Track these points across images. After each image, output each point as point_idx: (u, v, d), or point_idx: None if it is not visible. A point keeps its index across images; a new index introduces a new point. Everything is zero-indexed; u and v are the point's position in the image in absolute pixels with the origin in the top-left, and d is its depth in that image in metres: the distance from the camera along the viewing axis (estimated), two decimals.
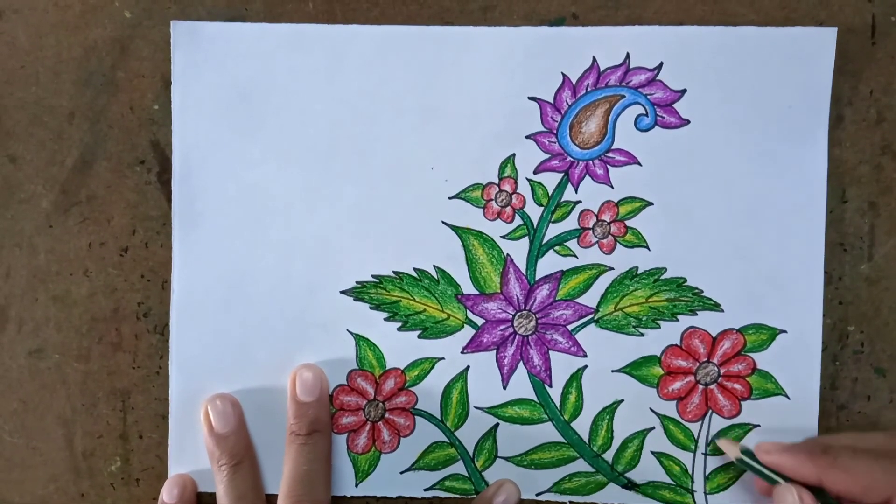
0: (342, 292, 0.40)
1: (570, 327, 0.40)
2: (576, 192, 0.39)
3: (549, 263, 0.40)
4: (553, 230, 0.40)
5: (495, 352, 0.40)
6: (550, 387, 0.40)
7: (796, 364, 0.39)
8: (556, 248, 0.40)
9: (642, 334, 0.39)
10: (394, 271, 0.40)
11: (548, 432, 0.40)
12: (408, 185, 0.40)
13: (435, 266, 0.40)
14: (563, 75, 0.39)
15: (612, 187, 0.39)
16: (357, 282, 0.40)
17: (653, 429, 0.40)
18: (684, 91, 0.39)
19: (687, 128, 0.39)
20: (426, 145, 0.39)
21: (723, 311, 0.39)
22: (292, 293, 0.40)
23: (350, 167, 0.40)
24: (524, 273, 0.40)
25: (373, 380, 0.40)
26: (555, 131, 0.39)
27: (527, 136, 0.39)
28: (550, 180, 0.39)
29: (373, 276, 0.40)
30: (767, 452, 0.36)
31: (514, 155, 0.39)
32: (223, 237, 0.40)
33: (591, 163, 0.39)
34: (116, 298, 0.41)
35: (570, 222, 0.40)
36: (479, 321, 0.40)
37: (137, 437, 0.41)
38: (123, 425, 0.41)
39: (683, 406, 0.40)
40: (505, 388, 0.40)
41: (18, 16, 0.40)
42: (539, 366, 0.40)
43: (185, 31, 0.40)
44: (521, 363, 0.40)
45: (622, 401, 0.40)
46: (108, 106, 0.40)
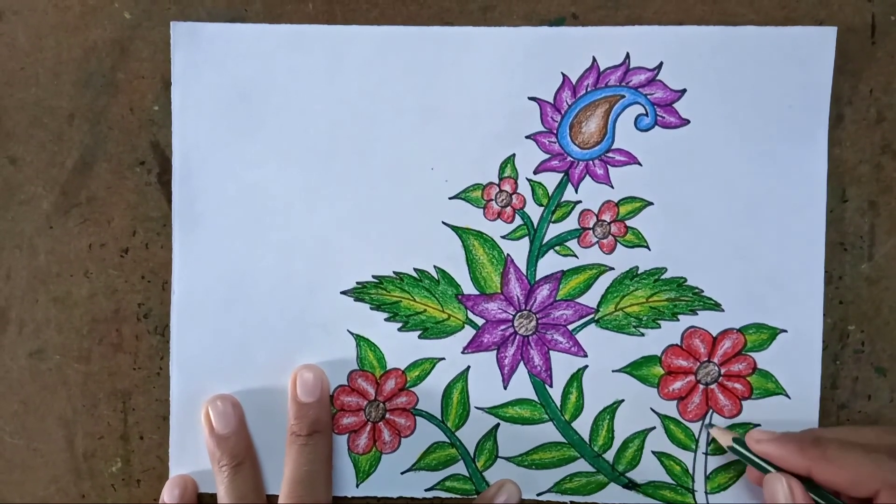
0: (342, 293, 0.40)
1: (570, 327, 0.40)
2: (576, 192, 0.39)
3: (550, 263, 0.40)
4: (553, 230, 0.40)
5: (496, 352, 0.40)
6: (551, 387, 0.40)
7: (797, 363, 0.39)
8: (557, 248, 0.40)
9: (643, 334, 0.39)
10: (394, 272, 0.40)
11: (548, 432, 0.40)
12: (408, 186, 0.40)
13: (435, 266, 0.40)
14: (563, 75, 0.39)
15: (612, 187, 0.39)
16: (357, 282, 0.40)
17: (653, 428, 0.40)
18: (684, 91, 0.39)
19: (687, 128, 0.39)
20: (426, 145, 0.39)
21: (723, 310, 0.39)
22: (293, 293, 0.40)
23: (350, 167, 0.40)
24: (524, 273, 0.40)
25: (373, 380, 0.40)
26: (555, 131, 0.39)
27: (527, 136, 0.39)
28: (550, 180, 0.39)
29: (373, 276, 0.40)
30: (758, 441, 0.36)
31: (514, 155, 0.39)
32: (223, 238, 0.40)
33: (591, 163, 0.39)
34: (117, 299, 0.41)
35: (571, 222, 0.40)
36: (480, 321, 0.40)
37: (138, 437, 0.41)
38: (124, 426, 0.41)
39: (684, 406, 0.40)
40: (505, 388, 0.40)
41: (18, 17, 0.40)
42: (539, 366, 0.40)
43: (184, 31, 0.40)
44: (521, 363, 0.40)
45: (623, 401, 0.40)
46: (108, 107, 0.40)
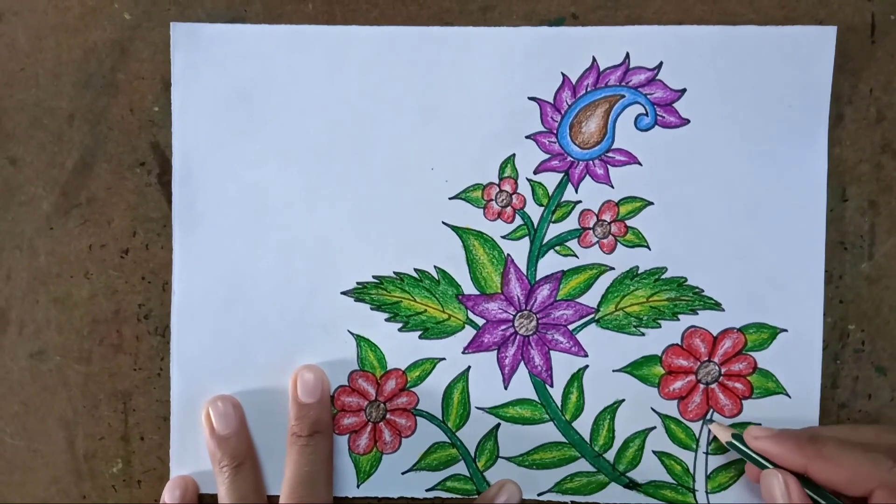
0: (343, 293, 0.40)
1: (570, 327, 0.40)
2: (576, 191, 0.39)
3: (550, 263, 0.40)
4: (553, 230, 0.40)
5: (496, 352, 0.40)
6: (551, 387, 0.40)
7: (797, 363, 0.39)
8: (557, 248, 0.40)
9: (643, 334, 0.39)
10: (394, 272, 0.40)
11: (549, 432, 0.40)
12: (408, 186, 0.40)
13: (436, 266, 0.40)
14: (563, 75, 0.39)
15: (612, 187, 0.39)
16: (358, 282, 0.40)
17: (654, 428, 0.40)
18: (684, 90, 0.39)
19: (687, 127, 0.39)
20: (426, 146, 0.39)
21: (723, 310, 0.39)
22: (293, 294, 0.40)
23: (350, 168, 0.40)
24: (525, 273, 0.40)
25: (374, 380, 0.40)
26: (555, 131, 0.39)
27: (527, 136, 0.39)
28: (551, 180, 0.39)
29: (373, 276, 0.40)
30: (756, 438, 0.36)
31: (514, 155, 0.39)
32: (224, 238, 0.40)
33: (591, 163, 0.39)
34: (117, 300, 0.41)
35: (571, 222, 0.40)
36: (480, 321, 0.40)
37: (139, 438, 0.41)
38: (125, 427, 0.41)
39: (684, 405, 0.40)
40: (506, 388, 0.40)
41: (18, 18, 0.40)
42: (540, 366, 0.40)
43: (184, 32, 0.40)
44: (522, 363, 0.40)
45: (623, 400, 0.40)
46: (108, 108, 0.40)
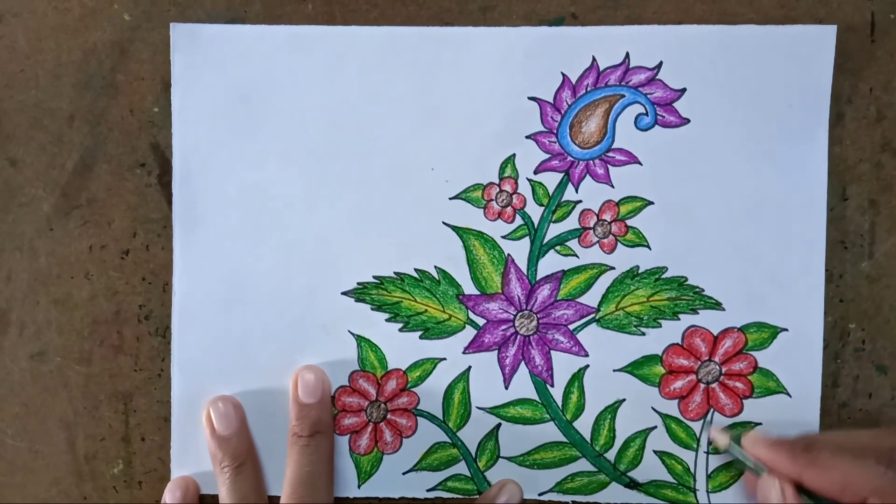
0: (343, 293, 0.40)
1: (571, 327, 0.40)
2: (576, 191, 0.39)
3: (550, 263, 0.40)
4: (554, 230, 0.40)
5: (497, 352, 0.40)
6: (552, 386, 0.40)
7: (798, 362, 0.39)
8: (557, 247, 0.40)
9: (644, 333, 0.39)
10: (395, 272, 0.40)
11: (550, 432, 0.40)
12: (408, 186, 0.40)
13: (436, 267, 0.40)
14: (563, 75, 0.39)
15: (612, 187, 0.39)
16: (358, 283, 0.40)
17: (655, 428, 0.40)
18: (684, 90, 0.39)
19: (687, 127, 0.39)
20: (426, 146, 0.39)
21: (724, 309, 0.39)
22: (293, 294, 0.40)
23: (350, 168, 0.40)
24: (525, 273, 0.40)
25: (374, 381, 0.40)
26: (555, 131, 0.39)
27: (527, 136, 0.39)
28: (551, 180, 0.39)
29: (374, 276, 0.40)
30: (753, 445, 0.37)
31: (514, 155, 0.39)
32: (224, 239, 0.40)
33: (591, 162, 0.39)
34: (118, 301, 0.41)
35: (571, 222, 0.40)
36: (481, 321, 0.40)
37: (139, 439, 0.41)
38: (125, 428, 0.41)
39: (685, 405, 0.40)
40: (507, 388, 0.40)
41: (18, 19, 0.40)
42: (541, 366, 0.40)
43: (184, 33, 0.40)
44: (522, 363, 0.40)
45: (624, 400, 0.40)
46: (107, 109, 0.40)
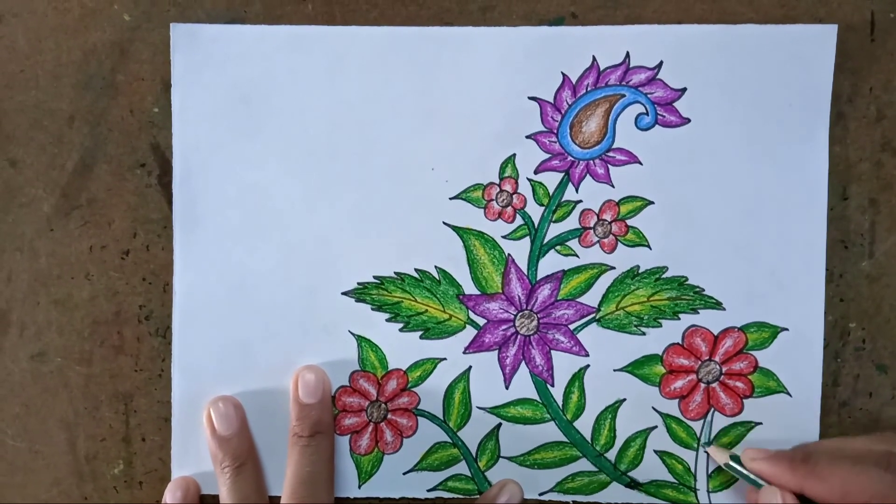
0: (344, 293, 0.40)
1: (571, 327, 0.40)
2: (576, 191, 0.39)
3: (551, 263, 0.40)
4: (554, 230, 0.40)
5: (497, 352, 0.40)
6: (553, 386, 0.40)
7: (798, 361, 0.39)
8: (558, 247, 0.40)
9: (644, 333, 0.39)
10: (395, 272, 0.40)
11: (550, 432, 0.40)
12: (408, 186, 0.40)
13: (436, 267, 0.40)
14: (563, 75, 0.39)
15: (612, 186, 0.39)
16: (358, 283, 0.40)
17: (655, 427, 0.40)
18: (684, 90, 0.39)
19: (687, 126, 0.39)
20: (426, 146, 0.39)
21: (724, 309, 0.39)
22: (294, 295, 0.40)
23: (350, 168, 0.40)
24: (525, 273, 0.40)
25: (375, 381, 0.40)
26: (555, 131, 0.39)
27: (527, 136, 0.39)
28: (551, 180, 0.39)
29: (374, 277, 0.40)
30: (752, 460, 0.37)
31: (514, 155, 0.39)
32: (224, 239, 0.40)
33: (591, 162, 0.39)
34: (118, 301, 0.41)
35: (571, 222, 0.40)
36: (481, 321, 0.40)
37: (140, 439, 0.41)
38: (126, 428, 0.41)
39: (685, 405, 0.40)
40: (507, 388, 0.40)
41: (18, 20, 0.40)
42: (541, 365, 0.40)
43: (184, 33, 0.40)
44: (523, 363, 0.40)
45: (624, 400, 0.40)
46: (108, 109, 0.40)
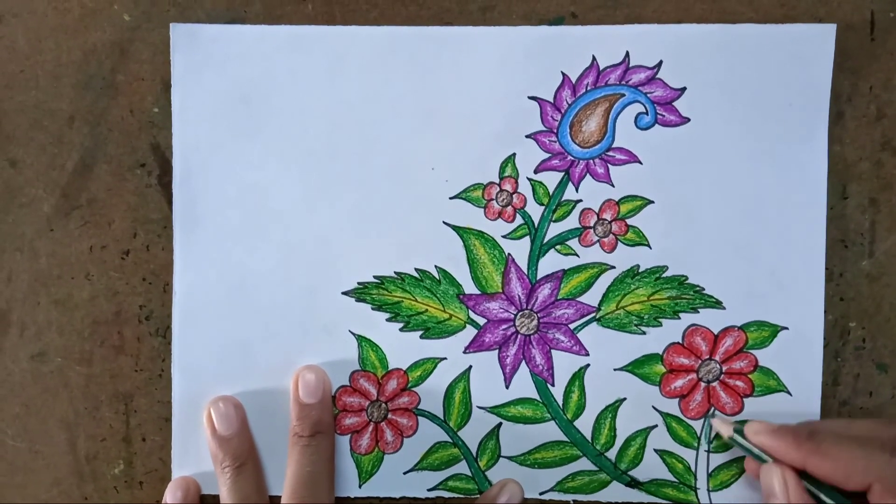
0: (344, 293, 0.40)
1: (571, 326, 0.40)
2: (576, 191, 0.39)
3: (551, 263, 0.40)
4: (554, 229, 0.40)
5: (497, 351, 0.40)
6: (553, 386, 0.40)
7: (798, 361, 0.39)
8: (558, 247, 0.40)
9: (644, 332, 0.39)
10: (395, 272, 0.40)
11: (550, 431, 0.40)
12: (408, 186, 0.40)
13: (436, 266, 0.40)
14: (563, 74, 0.39)
15: (612, 186, 0.39)
16: (359, 283, 0.40)
17: (655, 427, 0.40)
18: (684, 89, 0.39)
19: (687, 126, 0.39)
20: (426, 146, 0.39)
21: (724, 308, 0.39)
22: (294, 294, 0.40)
23: (350, 168, 0.40)
24: (525, 272, 0.40)
25: (375, 380, 0.40)
26: (555, 130, 0.39)
27: (527, 136, 0.39)
28: (551, 179, 0.40)
29: (374, 276, 0.40)
30: (756, 433, 0.37)
31: (514, 154, 0.39)
32: (224, 239, 0.40)
33: (591, 161, 0.39)
34: (118, 301, 0.41)
35: (571, 221, 0.40)
36: (481, 321, 0.40)
37: (140, 439, 0.41)
38: (126, 428, 0.41)
39: (686, 404, 0.40)
40: (507, 387, 0.40)
41: (18, 20, 0.40)
42: (541, 365, 0.40)
43: (184, 33, 0.40)
44: (523, 362, 0.40)
45: (625, 399, 0.40)
46: (108, 109, 0.40)
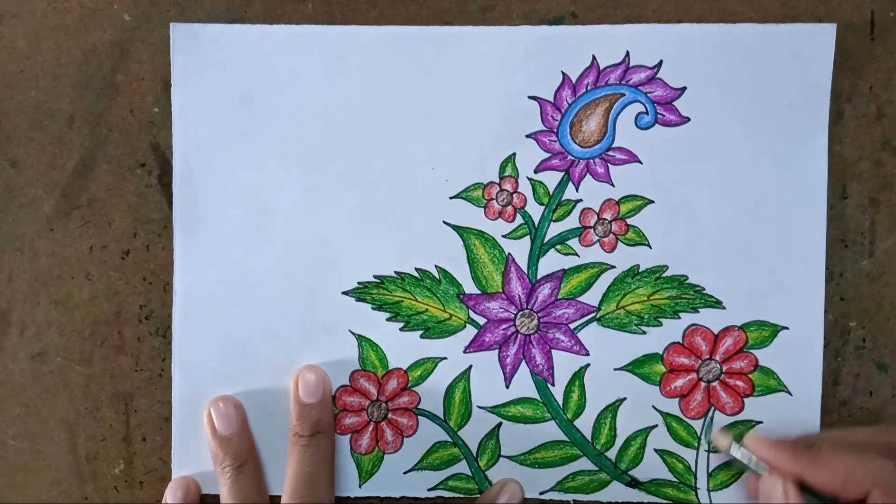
0: (344, 293, 0.40)
1: (572, 326, 0.40)
2: (577, 190, 0.39)
3: (551, 262, 0.40)
4: (554, 229, 0.40)
5: (497, 351, 0.40)
6: (553, 385, 0.40)
7: (798, 360, 0.39)
8: (558, 246, 0.40)
9: (644, 332, 0.39)
10: (395, 271, 0.40)
11: (551, 431, 0.40)
12: (409, 186, 0.40)
13: (436, 266, 0.40)
14: (563, 74, 0.39)
15: (612, 185, 0.39)
16: (359, 282, 0.40)
17: (655, 426, 0.40)
18: (684, 89, 0.39)
19: (687, 125, 0.39)
20: (427, 145, 0.39)
21: (724, 308, 0.39)
22: (294, 294, 0.40)
23: (351, 168, 0.40)
24: (526, 272, 0.40)
25: (375, 380, 0.40)
26: (555, 130, 0.39)
27: (527, 136, 0.39)
28: (551, 179, 0.40)
29: (374, 276, 0.40)
30: (754, 445, 0.37)
31: (514, 154, 0.39)
32: (224, 239, 0.40)
33: (591, 161, 0.39)
34: (118, 301, 0.41)
35: (572, 221, 0.40)
36: (482, 321, 0.40)
37: (140, 439, 0.41)
38: (126, 428, 0.41)
39: (686, 403, 0.40)
40: (507, 387, 0.40)
41: (18, 20, 0.40)
42: (541, 365, 0.40)
43: (184, 33, 0.40)
44: (523, 362, 0.40)
45: (625, 399, 0.40)
46: (108, 109, 0.40)
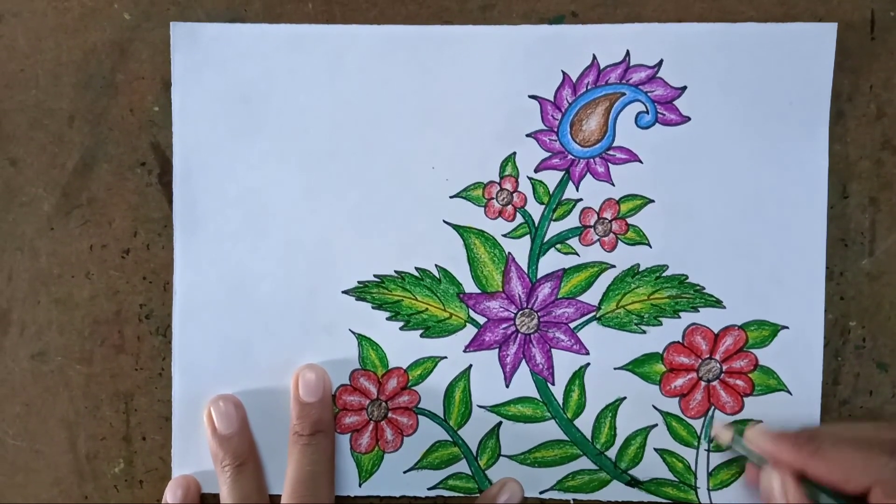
0: (344, 292, 0.40)
1: (572, 325, 0.40)
2: (577, 190, 0.39)
3: (551, 262, 0.40)
4: (554, 228, 0.40)
5: (497, 350, 0.40)
6: (553, 385, 0.40)
7: (798, 360, 0.39)
8: (558, 246, 0.40)
9: (644, 332, 0.39)
10: (395, 271, 0.40)
11: (551, 430, 0.40)
12: (409, 185, 0.40)
13: (437, 265, 0.40)
14: (564, 73, 0.39)
15: (613, 185, 0.39)
16: (359, 282, 0.40)
17: (655, 426, 0.40)
18: (684, 88, 0.39)
19: (687, 125, 0.39)
20: (427, 145, 0.39)
21: (724, 307, 0.39)
22: (294, 294, 0.40)
23: (351, 167, 0.40)
24: (526, 271, 0.40)
25: (375, 379, 0.40)
26: (555, 129, 0.39)
27: (527, 135, 0.39)
28: (551, 178, 0.40)
29: (374, 275, 0.40)
30: (756, 438, 0.37)
31: (514, 153, 0.39)
32: (224, 238, 0.40)
33: (591, 160, 0.39)
34: (118, 301, 0.41)
35: (572, 220, 0.40)
36: (482, 320, 0.40)
37: (141, 438, 0.41)
38: (126, 427, 0.41)
39: (686, 403, 0.40)
40: (507, 386, 0.40)
41: (18, 19, 0.40)
42: (541, 364, 0.40)
43: (184, 32, 0.40)
44: (523, 361, 0.40)
45: (625, 398, 0.40)
46: (108, 108, 0.40)
